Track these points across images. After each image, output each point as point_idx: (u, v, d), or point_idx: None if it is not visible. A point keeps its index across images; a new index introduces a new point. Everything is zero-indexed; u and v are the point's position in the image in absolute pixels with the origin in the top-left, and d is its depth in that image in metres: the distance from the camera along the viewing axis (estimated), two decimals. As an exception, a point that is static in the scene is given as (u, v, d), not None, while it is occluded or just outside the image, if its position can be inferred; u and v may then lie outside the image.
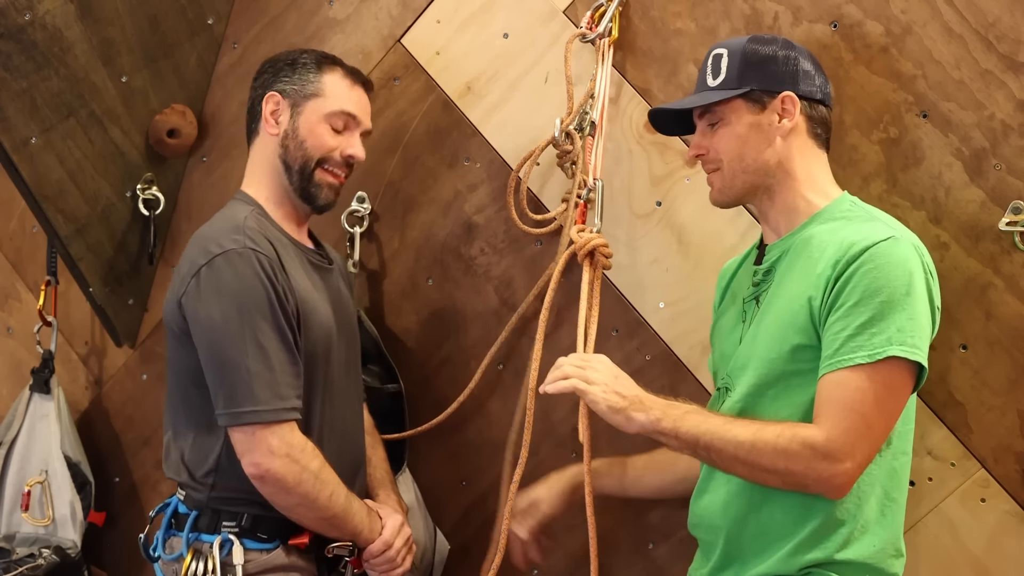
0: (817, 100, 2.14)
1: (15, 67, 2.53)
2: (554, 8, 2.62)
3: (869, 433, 1.95)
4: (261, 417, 2.13)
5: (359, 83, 2.40)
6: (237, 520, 2.23)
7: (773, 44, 2.15)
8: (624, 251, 2.58)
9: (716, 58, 2.16)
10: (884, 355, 1.93)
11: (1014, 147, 2.29)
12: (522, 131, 2.62)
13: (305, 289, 2.26)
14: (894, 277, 1.95)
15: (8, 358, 3.07)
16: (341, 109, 2.34)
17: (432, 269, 2.74)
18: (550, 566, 2.69)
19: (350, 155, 2.36)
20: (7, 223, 3.04)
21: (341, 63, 2.40)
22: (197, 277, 2.18)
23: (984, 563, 2.37)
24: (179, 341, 2.24)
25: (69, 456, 2.86)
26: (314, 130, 2.33)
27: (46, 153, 2.63)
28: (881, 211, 2.15)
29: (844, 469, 1.94)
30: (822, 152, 2.17)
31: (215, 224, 2.28)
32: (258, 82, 2.39)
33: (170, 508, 2.30)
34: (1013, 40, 2.28)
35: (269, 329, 2.16)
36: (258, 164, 2.37)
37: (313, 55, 2.39)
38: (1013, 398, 2.32)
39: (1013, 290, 2.31)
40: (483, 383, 2.64)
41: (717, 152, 2.15)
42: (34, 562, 2.75)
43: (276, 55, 2.43)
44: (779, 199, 2.15)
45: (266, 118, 2.34)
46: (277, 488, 2.16)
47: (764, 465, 1.97)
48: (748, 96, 2.12)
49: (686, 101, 2.24)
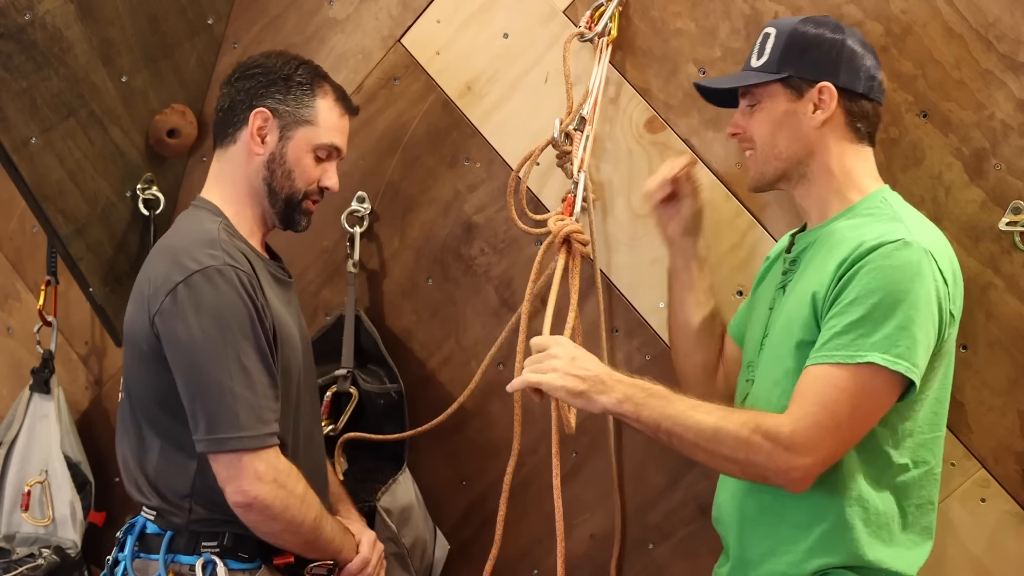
0: (859, 93, 2.09)
1: (15, 67, 2.53)
2: (554, 8, 2.62)
3: (837, 432, 1.92)
4: (246, 444, 2.05)
5: (348, 112, 2.33)
6: (218, 540, 2.14)
7: (824, 27, 2.10)
8: (624, 251, 2.58)
9: (764, 37, 2.13)
10: (863, 360, 1.90)
11: (1014, 147, 2.29)
12: (522, 131, 2.62)
13: (277, 306, 2.20)
14: (893, 281, 1.92)
15: (8, 358, 3.07)
16: (331, 143, 2.28)
17: (432, 269, 2.74)
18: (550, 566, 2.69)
19: (327, 187, 2.30)
20: (7, 223, 3.04)
21: (333, 85, 2.31)
22: (174, 294, 2.08)
23: (984, 563, 2.37)
24: (145, 360, 2.13)
25: (69, 456, 2.86)
26: (301, 160, 2.24)
27: (46, 153, 2.63)
28: (912, 210, 2.11)
29: (804, 463, 1.91)
30: (863, 146, 2.12)
31: (184, 236, 2.18)
32: (242, 86, 2.26)
33: (136, 528, 2.19)
34: (1013, 40, 2.28)
35: (251, 350, 2.08)
36: (230, 176, 2.26)
37: (308, 72, 2.28)
38: (1013, 398, 2.33)
39: (1013, 290, 2.31)
40: (483, 383, 2.64)
41: (752, 134, 2.14)
42: (34, 562, 2.75)
43: (266, 61, 2.29)
44: (814, 190, 2.12)
45: (252, 135, 2.23)
46: (264, 516, 2.09)
47: (725, 454, 1.94)
48: (786, 82, 2.09)
49: (726, 79, 2.23)
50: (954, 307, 2.01)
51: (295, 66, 2.28)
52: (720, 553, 2.24)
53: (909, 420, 2.01)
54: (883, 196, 2.09)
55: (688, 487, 2.58)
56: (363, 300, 2.77)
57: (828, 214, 2.10)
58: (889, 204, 2.07)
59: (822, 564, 2.00)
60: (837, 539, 1.99)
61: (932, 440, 2.06)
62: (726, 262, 2.51)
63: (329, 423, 2.63)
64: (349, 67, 2.75)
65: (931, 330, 1.95)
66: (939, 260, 1.97)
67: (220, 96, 2.29)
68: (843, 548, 1.99)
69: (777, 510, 2.04)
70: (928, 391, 2.03)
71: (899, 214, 2.04)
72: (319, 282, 2.82)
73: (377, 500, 2.57)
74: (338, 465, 2.63)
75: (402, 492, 2.61)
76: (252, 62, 2.30)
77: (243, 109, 2.24)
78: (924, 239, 1.98)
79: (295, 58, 2.31)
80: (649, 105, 2.55)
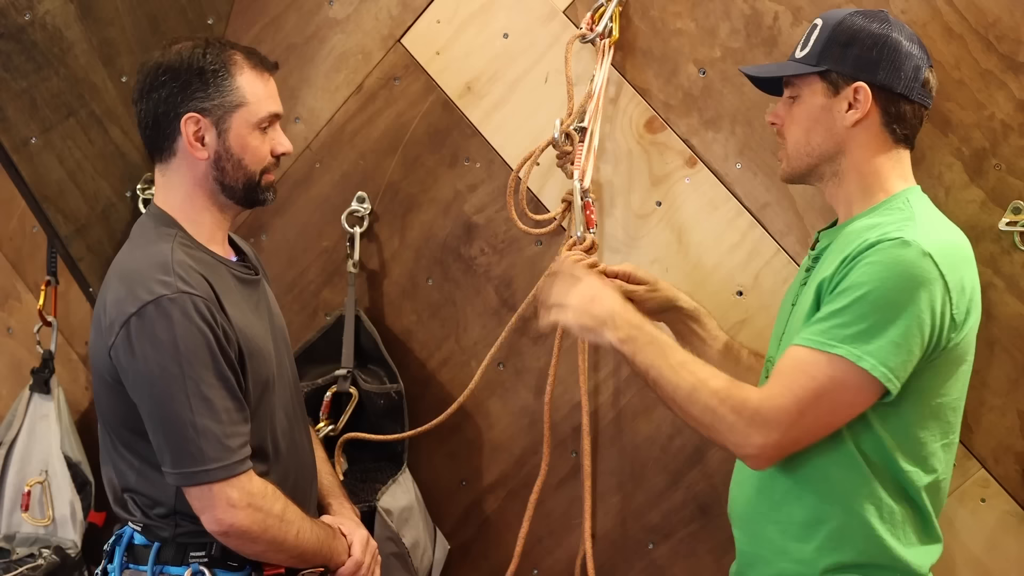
0: (897, 94, 2.04)
1: (15, 67, 2.53)
2: (554, 8, 2.62)
3: (800, 418, 1.91)
4: (212, 476, 2.00)
5: (268, 70, 2.17)
6: (206, 550, 2.10)
7: (873, 22, 2.05)
8: (624, 251, 2.58)
9: (811, 28, 2.10)
10: (833, 351, 1.90)
11: (1014, 147, 2.29)
12: (522, 131, 2.63)
13: (243, 320, 2.12)
14: (882, 279, 1.89)
15: (8, 358, 3.07)
16: (269, 112, 2.15)
17: (432, 269, 2.74)
18: (550, 566, 2.69)
19: (281, 153, 2.18)
20: (7, 223, 3.04)
21: (243, 52, 2.15)
22: (127, 328, 2.00)
23: (984, 563, 2.37)
24: (110, 388, 2.07)
25: (69, 456, 2.86)
26: (247, 144, 2.13)
27: (46, 153, 2.63)
28: (934, 213, 2.06)
29: (762, 442, 1.92)
30: (898, 147, 2.07)
31: (138, 259, 2.09)
32: (159, 96, 2.11)
33: (124, 540, 2.16)
34: (1013, 40, 2.28)
35: (212, 377, 2.01)
36: (179, 186, 2.15)
37: (215, 54, 2.12)
38: (1013, 398, 2.33)
39: (1013, 290, 2.31)
40: (483, 383, 2.64)
41: (788, 126, 2.12)
42: (34, 562, 2.75)
43: (169, 61, 2.12)
44: (843, 188, 2.09)
45: (190, 142, 2.10)
46: (244, 540, 2.05)
47: (694, 415, 1.97)
48: (824, 76, 2.06)
49: (767, 68, 2.22)
50: (958, 312, 1.94)
51: (200, 55, 2.12)
52: (720, 552, 2.25)
53: (918, 426, 1.98)
54: (907, 197, 2.04)
55: (688, 487, 2.58)
56: (363, 300, 2.77)
57: (853, 212, 2.07)
58: (910, 205, 2.03)
59: (833, 562, 1.99)
60: (847, 538, 1.98)
61: (943, 447, 2.03)
62: (726, 262, 2.52)
63: (329, 423, 2.63)
64: (349, 67, 2.75)
65: (917, 334, 1.90)
66: (941, 263, 1.91)
67: (139, 113, 2.16)
68: (852, 547, 1.98)
69: (786, 508, 2.03)
70: (945, 397, 2.00)
71: (915, 215, 2.00)
72: (319, 282, 2.82)
73: (377, 500, 2.58)
74: (338, 465, 2.63)
75: (402, 492, 2.61)
76: (155, 67, 2.13)
77: (170, 120, 2.12)
78: (929, 241, 1.92)
79: (195, 45, 2.14)
80: (649, 105, 2.55)
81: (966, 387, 2.06)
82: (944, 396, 2.00)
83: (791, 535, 2.03)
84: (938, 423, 2.00)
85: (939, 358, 1.95)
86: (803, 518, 2.01)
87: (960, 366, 2.01)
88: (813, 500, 2.00)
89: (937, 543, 2.06)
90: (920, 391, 1.96)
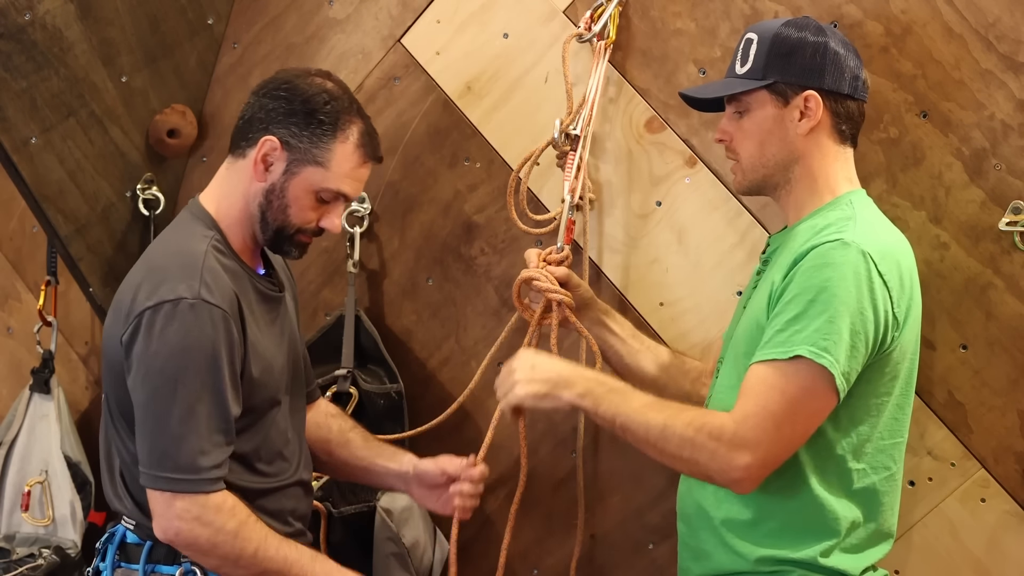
0: (844, 95, 2.09)
1: (15, 67, 2.53)
2: (554, 8, 2.62)
3: (778, 433, 1.93)
4: (176, 487, 2.00)
5: (369, 159, 2.16)
6: None
7: (805, 30, 2.09)
8: (623, 251, 2.58)
9: (747, 43, 2.12)
10: (793, 353, 1.92)
11: (1014, 147, 2.29)
12: (522, 131, 2.63)
13: (258, 332, 2.12)
14: (825, 279, 1.93)
15: (8, 358, 3.07)
16: (338, 190, 2.14)
17: (432, 269, 2.74)
18: (550, 566, 2.69)
19: (326, 228, 2.17)
20: (7, 223, 3.04)
21: (362, 129, 2.15)
22: (140, 320, 2.02)
23: (984, 563, 2.37)
24: (117, 374, 2.09)
25: (69, 456, 2.86)
26: (300, 199, 2.12)
27: (46, 153, 2.63)
28: (873, 213, 2.11)
29: (745, 463, 1.93)
30: (844, 147, 2.12)
31: (170, 254, 2.11)
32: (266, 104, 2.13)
33: (116, 538, 2.16)
34: (1013, 40, 2.28)
35: (206, 392, 2.01)
36: (231, 190, 2.16)
37: (334, 111, 2.11)
38: (1013, 398, 2.33)
39: (1013, 290, 2.31)
40: (483, 383, 2.64)
41: (739, 141, 2.14)
42: (34, 562, 2.75)
43: (298, 83, 2.13)
44: (794, 193, 2.12)
45: (257, 161, 2.11)
46: (192, 552, 2.05)
47: (672, 452, 1.98)
48: (772, 88, 2.09)
49: (711, 87, 2.23)
50: (899, 310, 1.99)
51: (324, 100, 2.11)
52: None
53: (866, 424, 2.02)
54: (850, 199, 2.09)
55: (688, 487, 2.58)
56: (363, 300, 2.77)
57: (802, 215, 2.11)
58: (852, 206, 2.07)
59: (767, 555, 2.02)
60: (786, 536, 2.01)
61: (893, 446, 2.07)
62: (726, 262, 2.52)
63: (329, 423, 2.63)
64: (349, 67, 2.76)
65: (861, 331, 1.94)
66: (879, 262, 1.96)
67: (246, 103, 2.17)
68: (790, 545, 2.01)
69: (729, 505, 2.06)
70: (889, 396, 2.03)
71: (855, 215, 2.04)
72: (319, 282, 2.82)
73: (377, 500, 2.58)
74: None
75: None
76: (284, 80, 2.15)
77: (258, 129, 2.12)
78: (867, 241, 1.97)
79: (329, 91, 2.13)
80: (649, 105, 2.55)
81: (913, 385, 2.10)
82: (898, 395, 2.05)
83: (733, 531, 2.06)
84: (889, 421, 2.05)
85: (886, 355, 1.99)
86: (746, 516, 2.04)
87: (902, 363, 2.05)
88: (756, 499, 2.02)
89: (884, 542, 2.09)
90: (866, 390, 2.00)
